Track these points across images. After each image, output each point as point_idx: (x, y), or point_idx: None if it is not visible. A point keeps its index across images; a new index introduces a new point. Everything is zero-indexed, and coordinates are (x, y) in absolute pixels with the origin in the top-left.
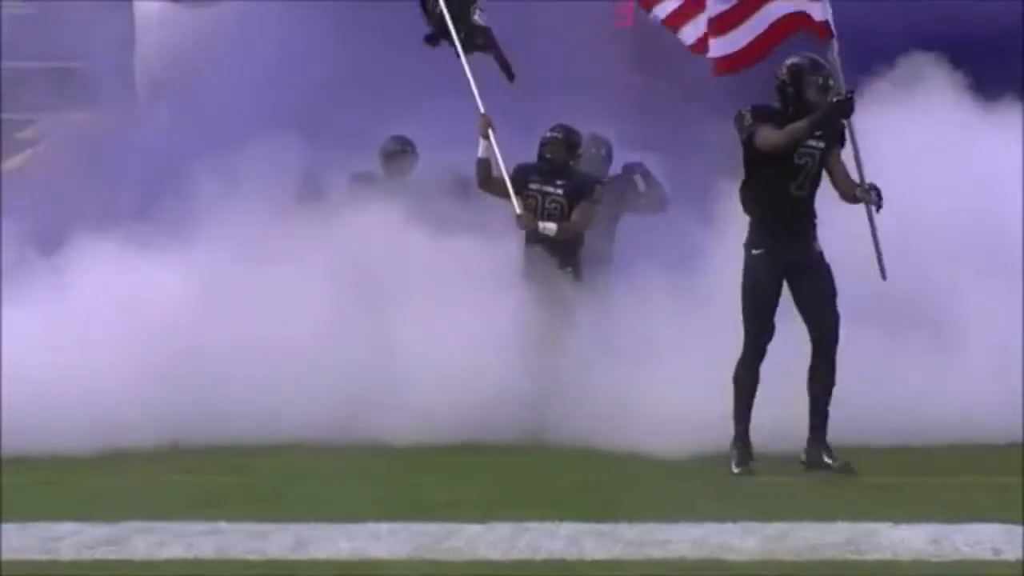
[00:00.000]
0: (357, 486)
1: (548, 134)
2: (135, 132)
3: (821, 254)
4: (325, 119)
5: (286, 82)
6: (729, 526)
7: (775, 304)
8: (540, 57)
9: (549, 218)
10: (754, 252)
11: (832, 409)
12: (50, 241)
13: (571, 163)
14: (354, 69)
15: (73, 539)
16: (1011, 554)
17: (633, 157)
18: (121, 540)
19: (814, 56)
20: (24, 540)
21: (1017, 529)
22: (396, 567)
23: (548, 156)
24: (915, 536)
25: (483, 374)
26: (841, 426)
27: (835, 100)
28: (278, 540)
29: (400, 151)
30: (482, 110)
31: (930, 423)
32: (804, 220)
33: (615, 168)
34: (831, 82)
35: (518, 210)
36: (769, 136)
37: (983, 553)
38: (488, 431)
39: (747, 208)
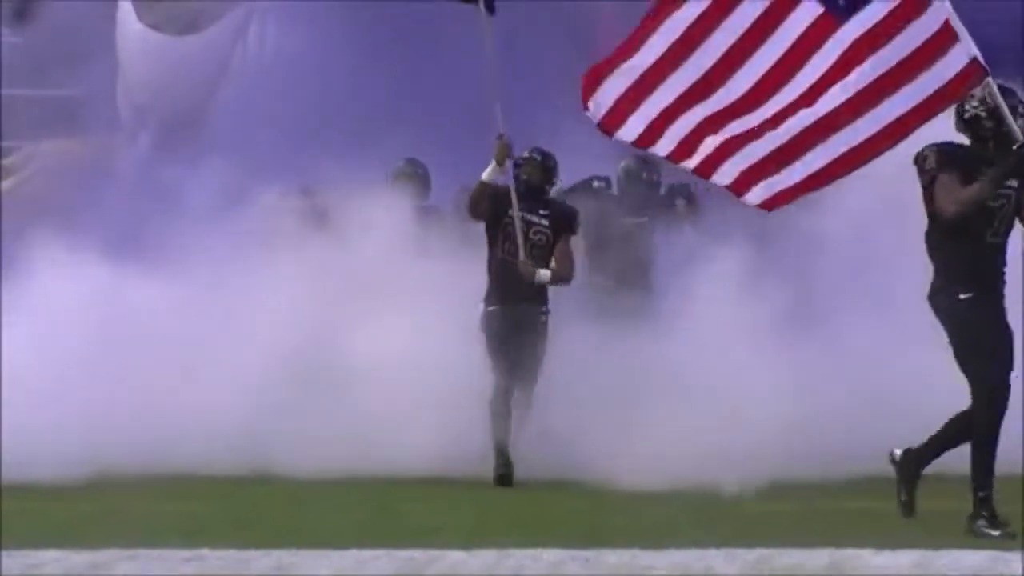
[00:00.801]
0: (338, 513)
1: (526, 155)
2: (119, 158)
3: None
4: (306, 146)
5: (264, 108)
6: (711, 552)
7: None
8: None
9: (534, 249)
10: (962, 297)
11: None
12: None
13: (547, 189)
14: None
15: (56, 565)
16: None
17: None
18: (104, 566)
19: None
20: (8, 568)
21: (1001, 555)
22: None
23: (525, 179)
24: (898, 562)
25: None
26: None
27: (1017, 148)
28: (260, 566)
29: (412, 174)
30: (501, 130)
31: None
32: (999, 269)
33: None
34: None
35: (522, 255)
36: (946, 198)
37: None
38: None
39: (936, 255)
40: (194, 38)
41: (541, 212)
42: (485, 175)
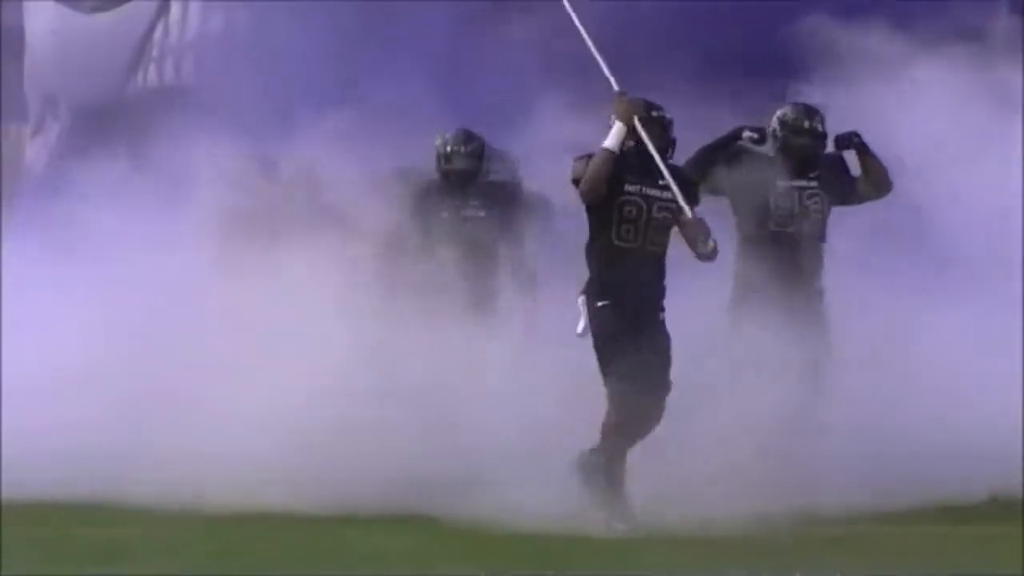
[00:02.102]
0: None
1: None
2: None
3: None
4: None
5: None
6: None
7: None
8: None
9: (656, 232)
10: None
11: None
12: None
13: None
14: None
15: None
16: None
17: None
18: None
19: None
20: None
21: None
22: None
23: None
24: None
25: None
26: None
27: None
28: None
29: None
30: (616, 87)
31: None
32: None
33: None
34: None
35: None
36: None
37: None
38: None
39: None
40: (108, 17)
41: (661, 183)
42: (611, 143)
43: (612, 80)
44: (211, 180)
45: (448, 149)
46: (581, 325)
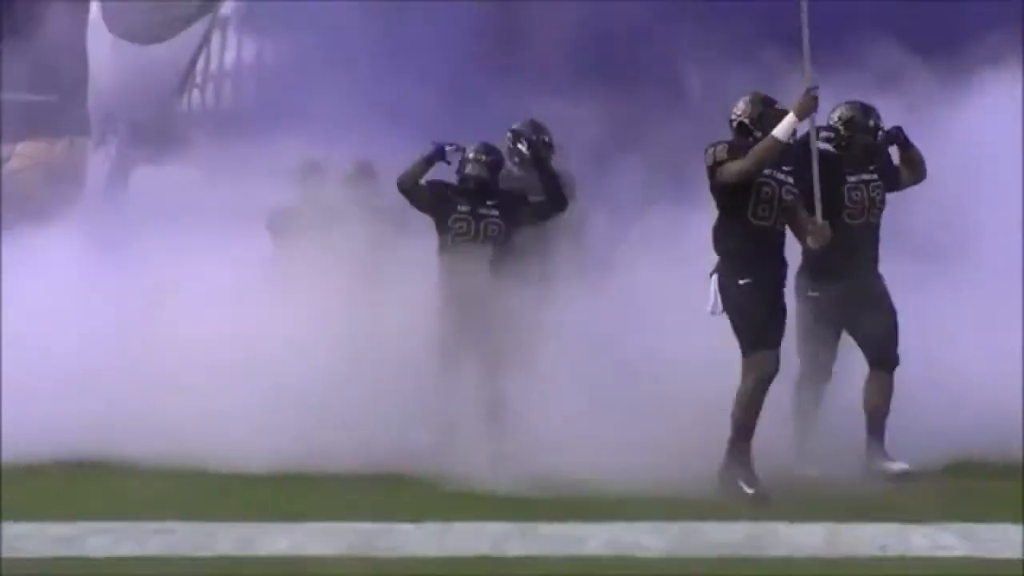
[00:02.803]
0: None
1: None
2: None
3: None
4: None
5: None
6: (641, 525)
7: None
8: None
9: (784, 214)
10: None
11: None
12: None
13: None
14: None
15: (32, 539)
16: (896, 550)
17: None
18: (77, 539)
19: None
20: None
21: (901, 528)
22: (332, 564)
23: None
24: (810, 534)
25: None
26: None
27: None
28: (224, 538)
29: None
30: (812, 83)
31: None
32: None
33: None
34: None
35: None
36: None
37: (870, 550)
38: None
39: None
40: (160, 48)
41: (786, 169)
42: (782, 134)
43: (811, 75)
44: (246, 185)
45: (470, 157)
46: (712, 303)
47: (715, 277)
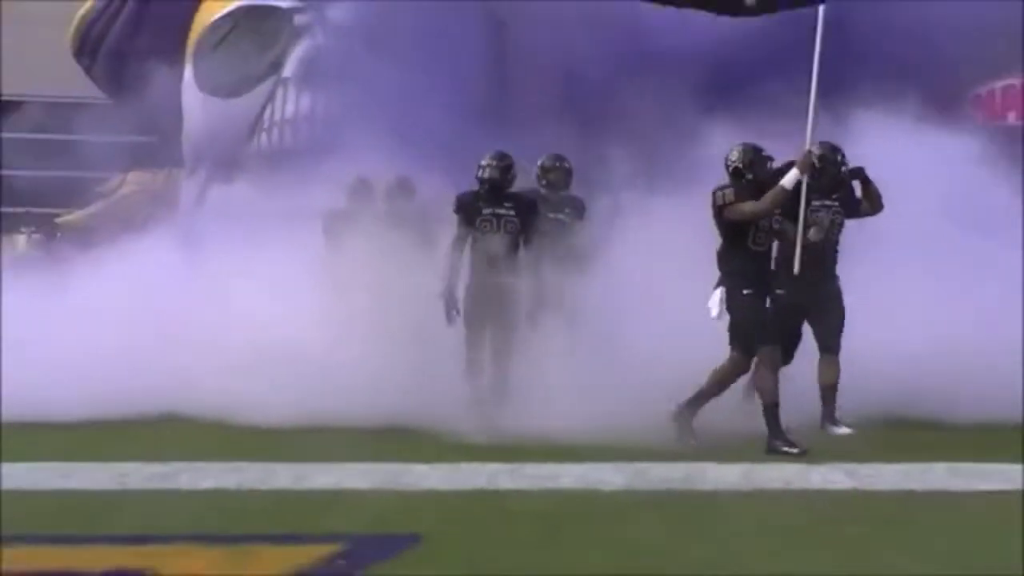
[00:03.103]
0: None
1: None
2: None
3: None
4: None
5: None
6: (604, 465)
7: None
8: None
9: (771, 235)
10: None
11: None
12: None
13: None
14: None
15: (135, 475)
16: (797, 485)
17: None
18: (172, 475)
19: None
20: (99, 481)
21: (803, 468)
22: (367, 494)
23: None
24: (731, 472)
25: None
26: None
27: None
28: (283, 475)
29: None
30: (811, 146)
31: None
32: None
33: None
34: None
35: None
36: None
37: (777, 485)
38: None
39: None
40: (237, 100)
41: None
42: (789, 184)
43: (809, 138)
44: (301, 200)
45: (485, 164)
46: (716, 311)
47: (720, 290)
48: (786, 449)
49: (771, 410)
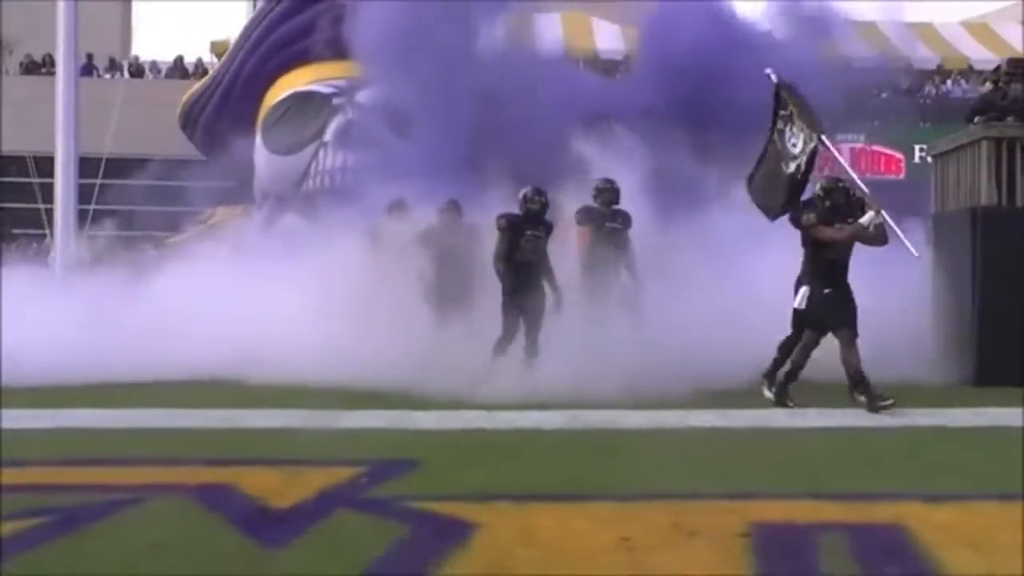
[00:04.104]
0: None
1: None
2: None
3: None
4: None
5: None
6: (547, 413)
7: None
8: None
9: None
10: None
11: None
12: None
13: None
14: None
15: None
16: (686, 424)
17: None
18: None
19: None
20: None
21: (684, 413)
22: (383, 431)
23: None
24: (638, 418)
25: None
26: None
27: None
28: (345, 421)
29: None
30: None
31: None
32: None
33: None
34: None
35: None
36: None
37: (673, 423)
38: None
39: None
40: (292, 157)
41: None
42: (867, 222)
43: (867, 194)
44: (338, 229)
45: (529, 197)
46: (802, 303)
47: (805, 288)
48: (883, 404)
49: (859, 376)
